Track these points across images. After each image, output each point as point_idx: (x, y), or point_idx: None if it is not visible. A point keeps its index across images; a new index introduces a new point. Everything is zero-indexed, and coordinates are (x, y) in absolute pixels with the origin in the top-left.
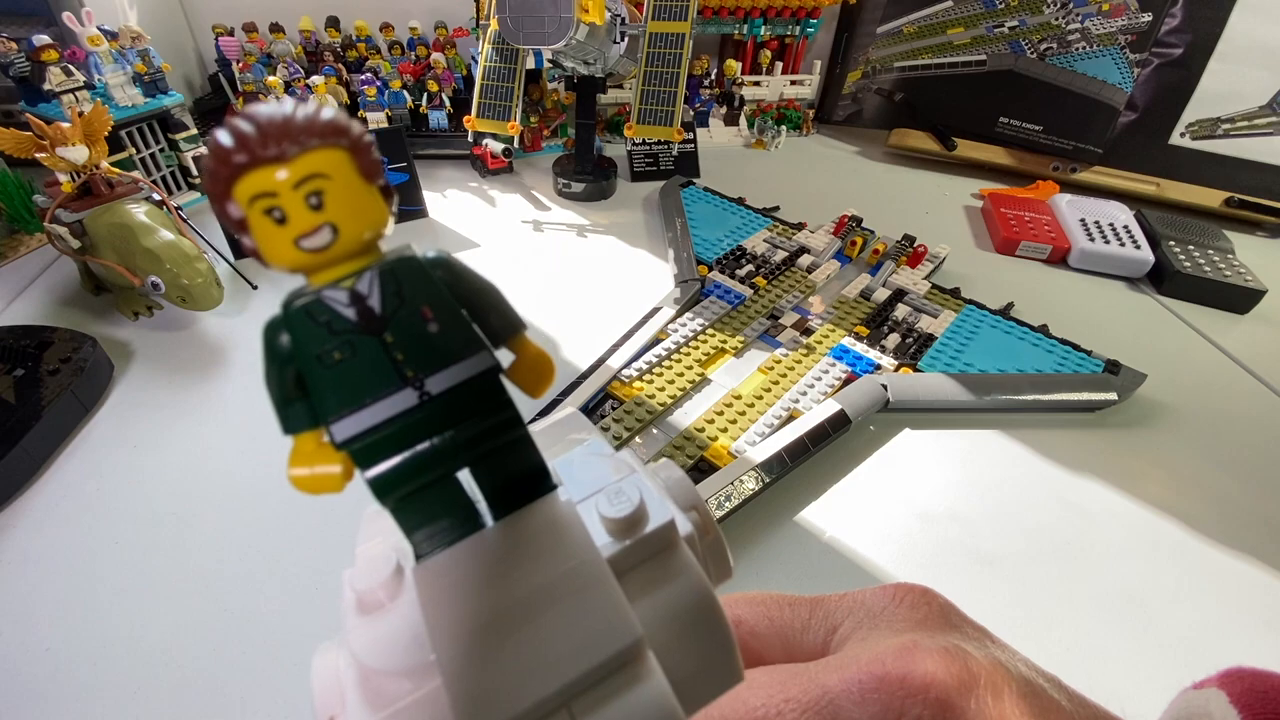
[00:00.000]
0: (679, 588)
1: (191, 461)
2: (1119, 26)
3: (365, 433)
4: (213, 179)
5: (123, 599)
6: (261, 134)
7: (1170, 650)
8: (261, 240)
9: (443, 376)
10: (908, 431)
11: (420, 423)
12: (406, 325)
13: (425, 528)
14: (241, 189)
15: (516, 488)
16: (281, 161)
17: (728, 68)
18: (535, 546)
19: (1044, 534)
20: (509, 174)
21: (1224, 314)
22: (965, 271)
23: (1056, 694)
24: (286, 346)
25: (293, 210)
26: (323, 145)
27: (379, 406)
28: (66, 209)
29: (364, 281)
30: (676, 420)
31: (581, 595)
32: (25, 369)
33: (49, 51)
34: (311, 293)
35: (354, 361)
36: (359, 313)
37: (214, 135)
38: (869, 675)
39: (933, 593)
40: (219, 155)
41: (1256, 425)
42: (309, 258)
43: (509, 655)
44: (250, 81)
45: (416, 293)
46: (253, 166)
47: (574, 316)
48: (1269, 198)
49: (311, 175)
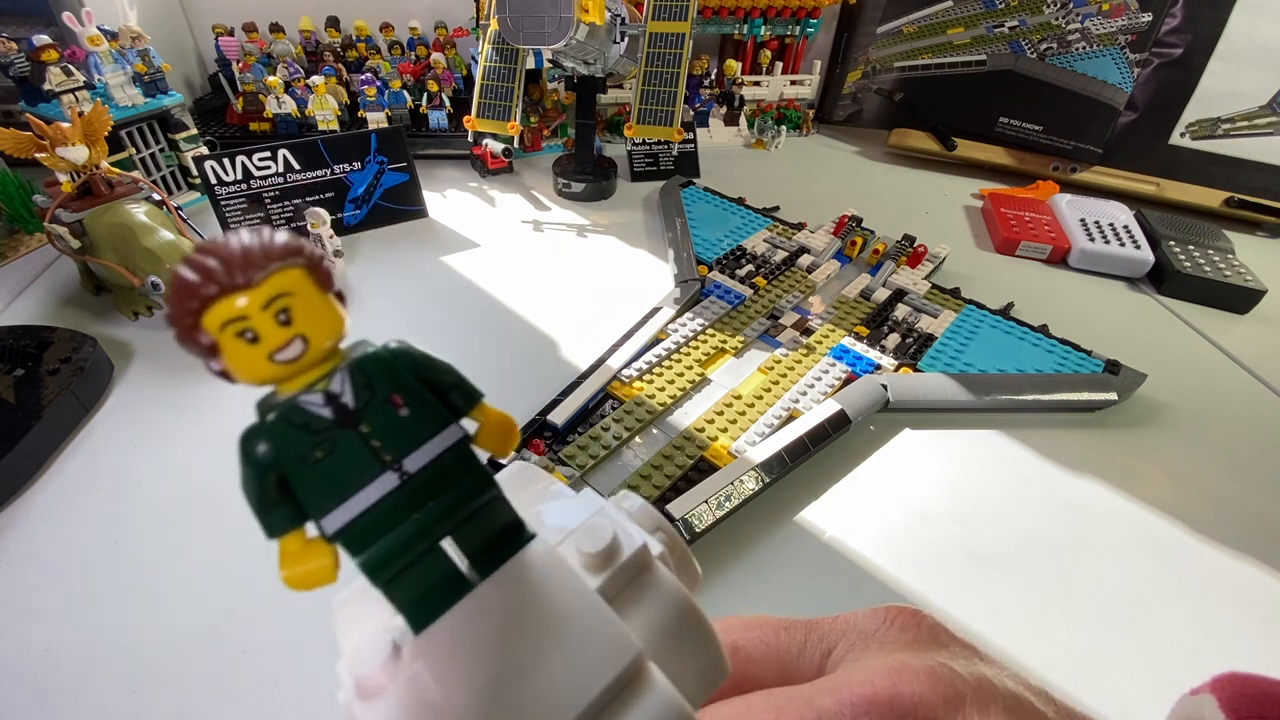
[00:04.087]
0: (661, 601)
1: (191, 461)
2: (1119, 26)
3: (354, 520)
4: (181, 312)
5: (123, 599)
6: (226, 265)
7: (1169, 650)
8: (234, 360)
9: (418, 455)
10: (908, 431)
11: (403, 501)
12: (379, 414)
13: (418, 599)
14: (211, 318)
15: (497, 544)
16: (249, 287)
17: (728, 68)
18: (528, 593)
19: (1044, 534)
20: (509, 174)
21: (1224, 314)
22: (965, 271)
23: (1044, 706)
24: (266, 454)
25: (264, 329)
26: (284, 266)
27: (364, 494)
28: (66, 209)
29: (336, 381)
30: (676, 420)
31: (580, 627)
32: (25, 369)
33: (49, 51)
34: (284, 400)
35: (335, 456)
36: (334, 410)
37: (177, 273)
38: (860, 697)
39: (922, 614)
40: (186, 290)
41: (1256, 425)
42: (282, 369)
43: (526, 698)
44: (250, 81)
45: (384, 383)
46: (221, 295)
47: (574, 316)
48: (1269, 198)
49: (278, 295)
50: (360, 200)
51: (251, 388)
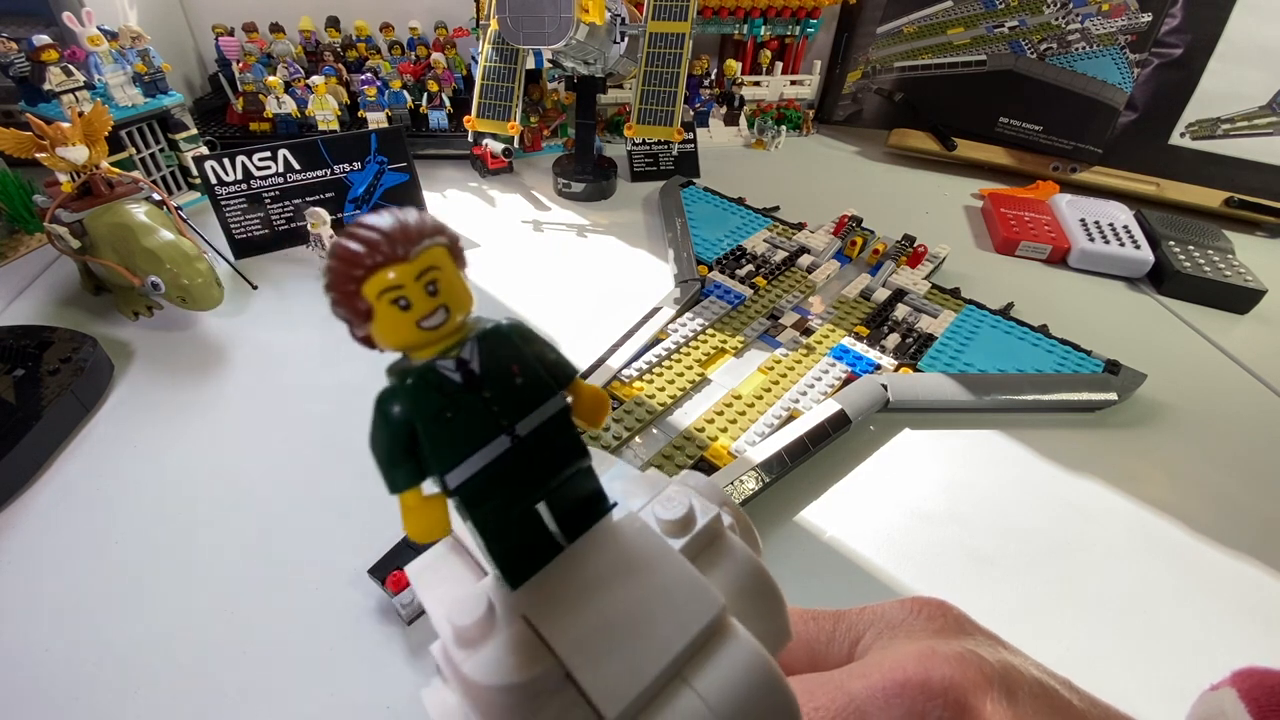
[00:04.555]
0: (735, 564)
1: (192, 461)
2: (1119, 26)
3: (474, 476)
4: (344, 279)
5: (123, 599)
6: (389, 240)
7: (1169, 650)
8: (386, 324)
9: (529, 420)
10: (908, 431)
11: (514, 462)
12: (499, 382)
13: (517, 556)
14: (371, 285)
15: (584, 510)
16: (406, 260)
17: (728, 68)
18: (616, 553)
19: (1044, 534)
20: (509, 174)
21: (1224, 314)
22: (965, 271)
23: (1068, 694)
24: (403, 412)
25: (415, 298)
26: (433, 243)
27: (483, 452)
28: (66, 209)
29: (466, 350)
30: (676, 420)
31: (667, 582)
32: (25, 369)
33: (49, 51)
34: (421, 364)
35: (462, 417)
36: (464, 375)
37: (341, 244)
38: (891, 681)
39: (948, 604)
40: (351, 259)
41: (1256, 425)
42: (426, 335)
43: (623, 645)
44: (250, 81)
45: (505, 354)
46: (384, 265)
47: (574, 316)
48: (1269, 198)
49: (428, 268)
50: (360, 200)
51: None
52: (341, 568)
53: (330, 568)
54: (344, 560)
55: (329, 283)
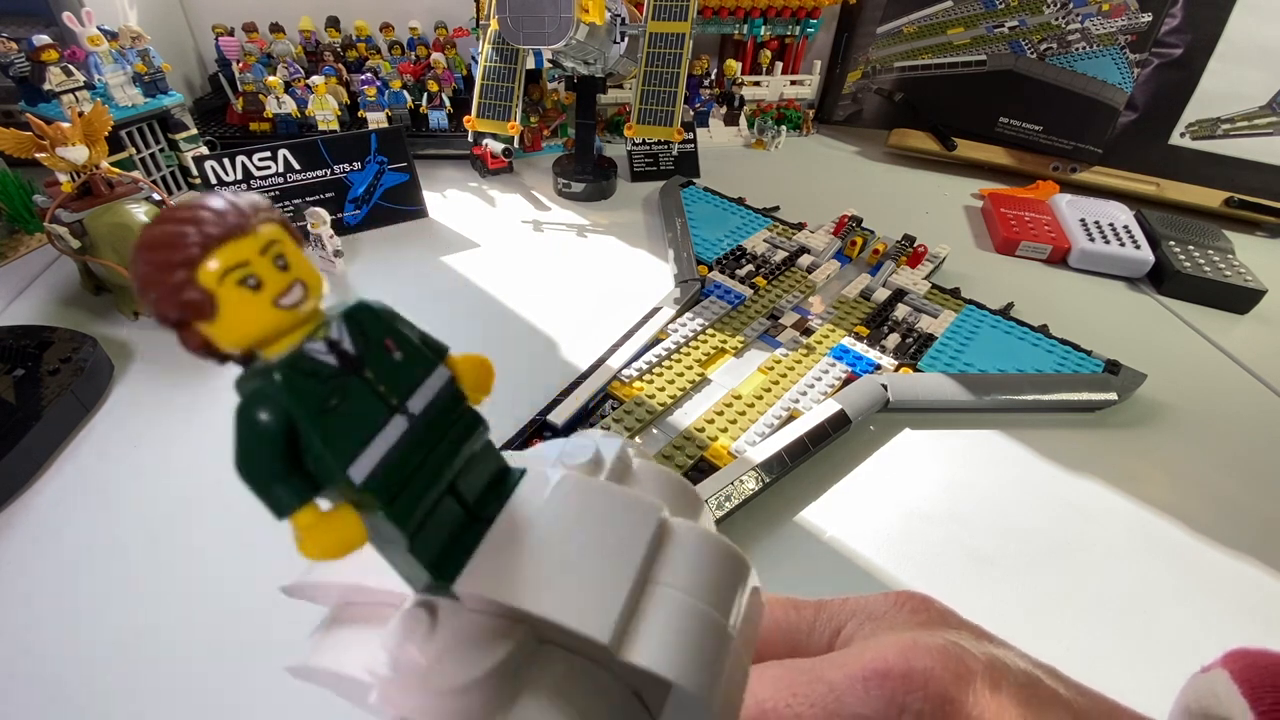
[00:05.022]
0: (653, 478)
1: (192, 461)
2: (1119, 26)
3: (379, 465)
4: (169, 267)
5: (123, 599)
6: (219, 214)
7: (1169, 650)
8: (236, 312)
9: (419, 396)
10: (908, 431)
11: (416, 443)
12: (378, 359)
13: (446, 547)
14: (208, 266)
15: (495, 483)
16: (246, 232)
17: (728, 68)
18: (545, 506)
19: (1044, 534)
20: (509, 174)
21: (1224, 314)
22: (965, 271)
23: (1053, 683)
24: (274, 418)
25: (266, 274)
26: (266, 219)
27: (382, 437)
28: (66, 209)
29: (334, 329)
30: (676, 420)
31: (605, 510)
32: (25, 369)
33: (49, 51)
34: (284, 356)
35: (349, 403)
36: (338, 357)
37: (156, 229)
38: (871, 670)
39: (931, 599)
40: (174, 243)
41: (1256, 425)
42: (286, 317)
43: (588, 576)
44: (250, 81)
45: (376, 330)
46: (222, 241)
47: (574, 316)
48: (1269, 198)
49: (272, 241)
50: (360, 200)
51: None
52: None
53: None
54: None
55: (145, 278)
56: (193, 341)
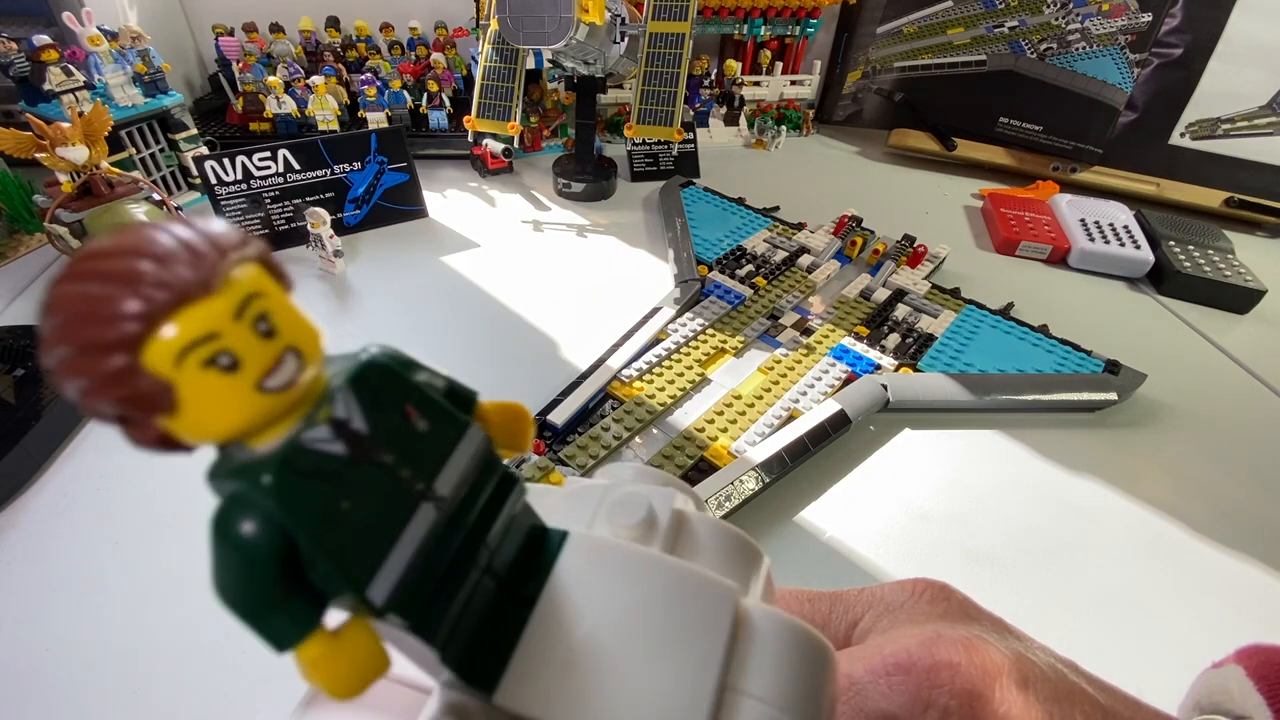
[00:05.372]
0: (712, 538)
1: (192, 461)
2: (1119, 26)
3: (404, 576)
4: (97, 352)
5: (123, 599)
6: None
7: (1169, 650)
8: (206, 405)
9: (449, 472)
10: (908, 431)
11: (447, 531)
12: (398, 435)
13: (480, 651)
14: (160, 346)
15: (533, 557)
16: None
17: (728, 68)
18: (598, 587)
19: (1044, 534)
20: (509, 174)
21: (1224, 314)
22: (965, 271)
23: (1076, 678)
24: (264, 534)
25: (244, 347)
26: (240, 259)
27: (406, 538)
28: (66, 209)
29: (340, 406)
30: (676, 420)
31: (670, 593)
32: (25, 369)
33: (49, 51)
34: (275, 449)
35: (363, 504)
36: (347, 443)
37: (73, 291)
38: (894, 664)
39: (950, 587)
40: (103, 314)
41: (1256, 425)
42: (275, 402)
43: (657, 685)
44: (250, 81)
45: (393, 396)
46: (174, 306)
47: (574, 316)
48: (1269, 198)
49: (250, 296)
50: (360, 200)
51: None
52: None
53: None
54: None
55: (63, 360)
56: (144, 436)
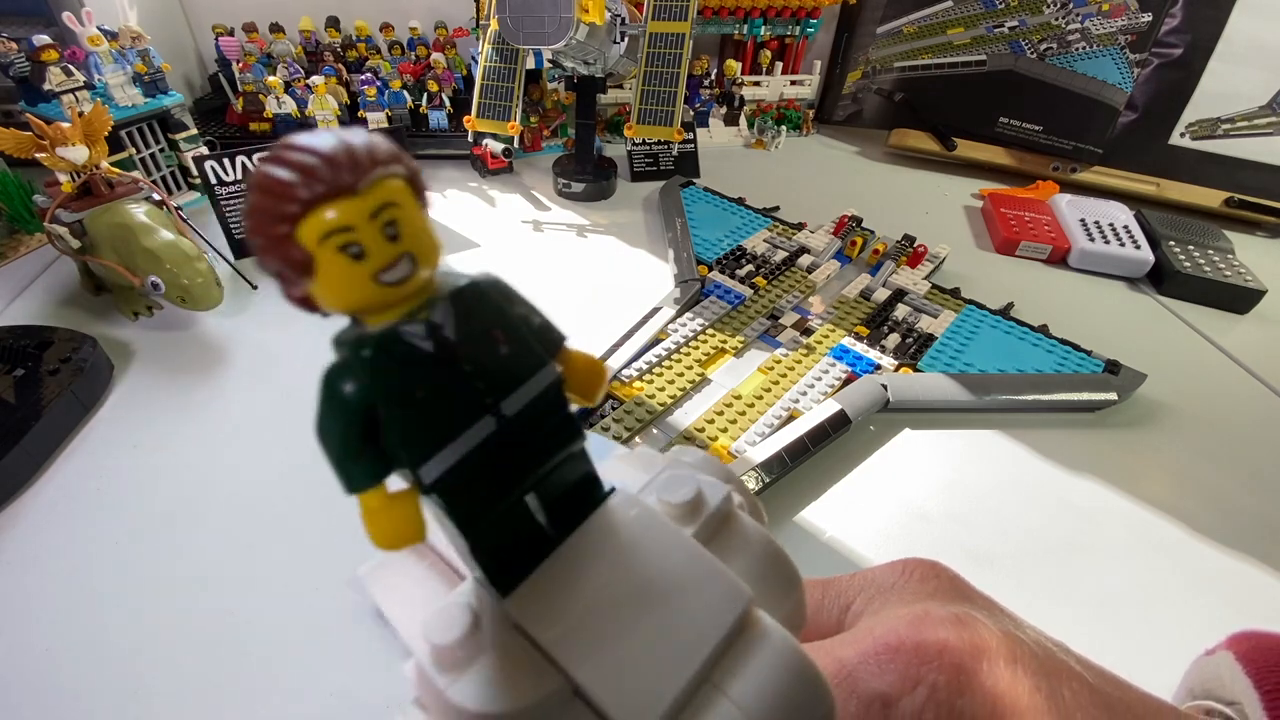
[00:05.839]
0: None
1: (192, 461)
2: (1119, 26)
3: (453, 468)
4: (272, 219)
5: (123, 599)
6: (329, 164)
7: (1168, 650)
8: (333, 279)
9: (516, 398)
10: (908, 431)
11: (500, 446)
12: (480, 351)
13: (507, 557)
14: (310, 226)
15: (578, 498)
16: (355, 192)
17: (728, 68)
18: (621, 545)
19: (1043, 534)
20: (509, 174)
21: (1224, 314)
22: (965, 271)
23: (1064, 656)
24: (360, 392)
25: (371, 243)
26: (389, 173)
27: (464, 439)
28: (66, 209)
29: (438, 312)
30: (676, 420)
31: (686, 576)
32: (25, 369)
33: (49, 51)
34: (380, 330)
35: (437, 396)
36: (436, 344)
37: (266, 170)
38: (884, 645)
39: (941, 565)
40: (278, 192)
41: (1256, 425)
42: (386, 293)
43: (642, 652)
44: (250, 81)
45: (485, 317)
46: (326, 199)
47: (574, 316)
48: (1269, 198)
49: (385, 204)
50: None
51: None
52: (341, 568)
53: (330, 568)
54: (344, 561)
55: (251, 223)
56: (293, 293)
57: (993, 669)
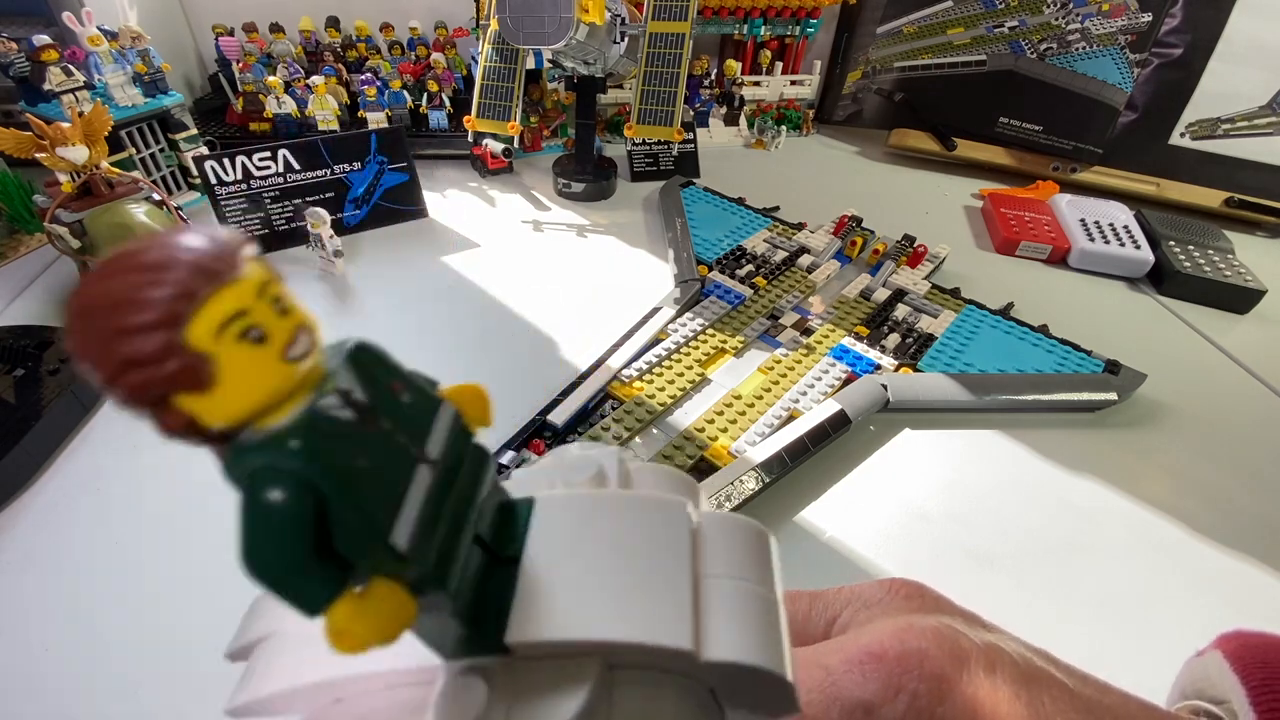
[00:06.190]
0: (654, 478)
1: (192, 461)
2: (1119, 26)
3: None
4: (143, 333)
5: (122, 599)
6: (199, 252)
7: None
8: (243, 374)
9: (434, 440)
10: (908, 431)
11: (441, 491)
12: (391, 405)
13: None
14: (203, 321)
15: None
16: (237, 275)
17: (728, 68)
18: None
19: (1043, 534)
20: (509, 174)
21: (1224, 314)
22: (965, 271)
23: (1046, 665)
24: (292, 498)
25: (269, 322)
26: (248, 257)
27: (413, 494)
28: (66, 209)
29: (343, 379)
30: (676, 420)
31: (634, 518)
32: (25, 369)
33: (49, 51)
34: (295, 418)
35: (374, 462)
36: (354, 410)
37: (108, 287)
38: (868, 654)
39: (925, 586)
40: (144, 297)
41: (1256, 425)
42: (294, 373)
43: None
44: (250, 81)
45: (382, 373)
46: (216, 286)
47: (574, 316)
48: (1269, 198)
49: (266, 280)
50: (360, 200)
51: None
52: None
53: None
54: None
55: (101, 352)
56: (174, 422)
57: (973, 678)
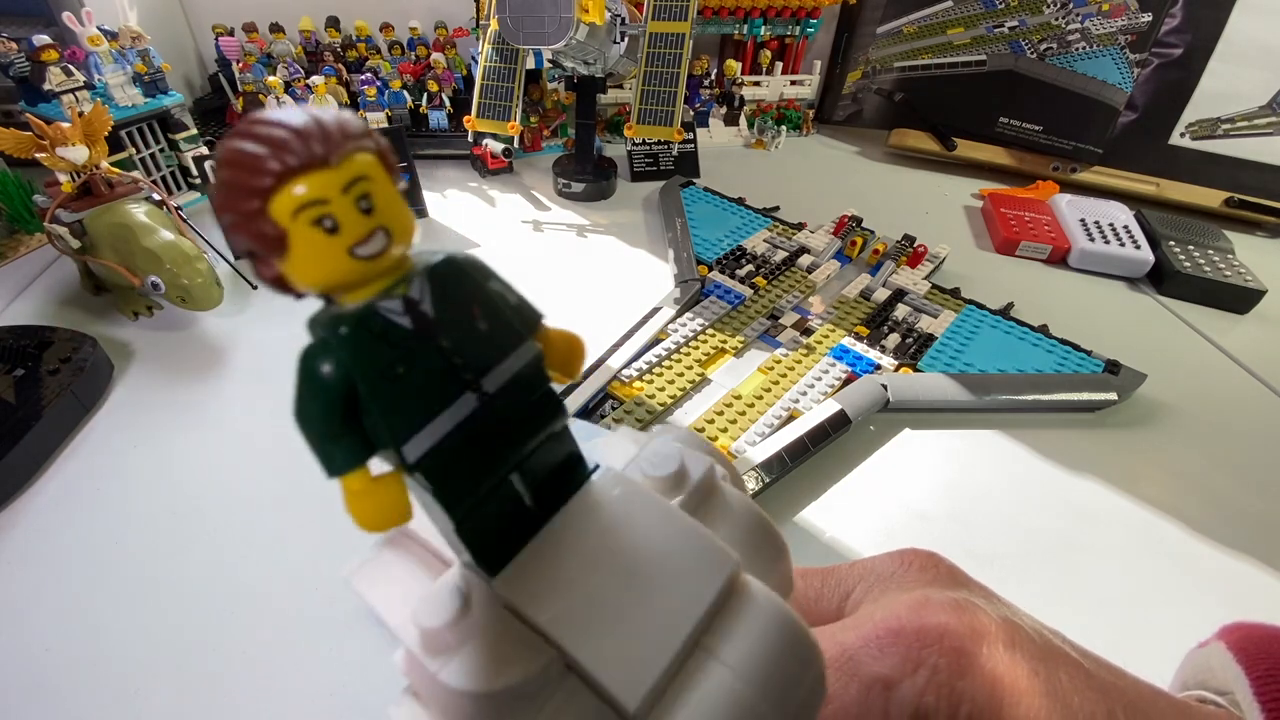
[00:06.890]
0: (736, 516)
1: (192, 461)
2: (1119, 26)
3: (436, 446)
4: (242, 193)
5: (123, 599)
6: (301, 137)
7: (1168, 650)
8: (307, 255)
9: (496, 374)
10: (908, 431)
11: (483, 424)
12: (458, 327)
13: (493, 539)
14: (283, 200)
15: (562, 476)
16: (329, 165)
17: (728, 68)
18: (608, 519)
19: (1043, 534)
20: (509, 174)
21: (1224, 314)
22: (965, 271)
23: (1062, 644)
24: (338, 371)
25: (345, 216)
26: (359, 148)
27: (446, 416)
28: (66, 209)
29: (415, 288)
30: (676, 420)
31: (673, 545)
32: (25, 369)
33: (49, 51)
34: (356, 308)
35: (416, 373)
36: (414, 319)
37: (235, 145)
38: (885, 629)
39: (939, 555)
40: (249, 165)
41: (1256, 425)
42: (360, 268)
43: (632, 621)
44: (250, 81)
45: (463, 293)
46: (300, 172)
47: (574, 316)
48: (1269, 198)
49: (358, 178)
50: None
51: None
52: (341, 567)
53: (330, 567)
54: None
55: (220, 199)
56: (266, 273)
57: (992, 652)
